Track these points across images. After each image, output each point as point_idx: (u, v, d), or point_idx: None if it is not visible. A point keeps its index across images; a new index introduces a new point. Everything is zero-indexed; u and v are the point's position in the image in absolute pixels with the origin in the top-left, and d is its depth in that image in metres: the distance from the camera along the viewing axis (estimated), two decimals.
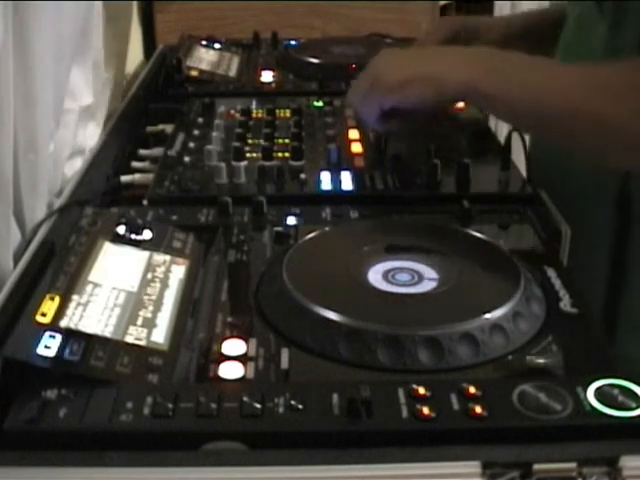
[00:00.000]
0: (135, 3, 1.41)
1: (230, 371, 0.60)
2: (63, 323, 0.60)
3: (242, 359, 0.61)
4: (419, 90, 0.83)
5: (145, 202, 0.87)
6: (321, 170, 0.94)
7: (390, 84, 0.85)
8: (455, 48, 0.99)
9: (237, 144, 0.98)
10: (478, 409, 0.54)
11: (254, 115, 1.12)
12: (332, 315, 0.63)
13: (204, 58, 1.35)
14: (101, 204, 0.88)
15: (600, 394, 0.55)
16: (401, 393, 0.55)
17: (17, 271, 0.71)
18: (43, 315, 0.60)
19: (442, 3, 1.90)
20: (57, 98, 0.88)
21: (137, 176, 0.98)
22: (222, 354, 0.62)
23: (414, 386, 0.56)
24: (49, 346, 0.57)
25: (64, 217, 0.83)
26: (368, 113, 0.90)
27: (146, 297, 0.66)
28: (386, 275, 0.70)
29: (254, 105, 1.16)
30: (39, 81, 0.79)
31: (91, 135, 1.05)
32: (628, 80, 0.73)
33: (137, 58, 1.53)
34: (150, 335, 0.62)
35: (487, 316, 0.63)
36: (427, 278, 0.70)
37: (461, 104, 1.03)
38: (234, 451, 0.53)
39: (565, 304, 0.68)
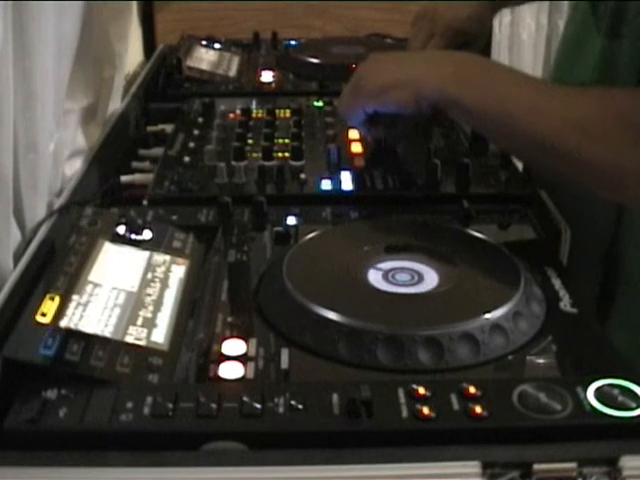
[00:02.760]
0: (135, 3, 1.41)
1: (230, 371, 0.60)
2: (63, 323, 0.60)
3: (242, 359, 0.61)
4: (398, 95, 0.82)
5: (145, 202, 0.87)
6: (321, 170, 0.94)
7: (371, 89, 0.85)
8: (438, 53, 0.98)
9: (237, 144, 0.98)
10: (478, 409, 0.54)
11: (254, 115, 1.12)
12: (332, 315, 0.63)
13: (204, 58, 1.35)
14: (101, 204, 0.88)
15: (600, 394, 0.55)
16: (401, 393, 0.55)
17: (17, 271, 0.71)
18: (43, 315, 0.60)
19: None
20: (57, 98, 0.88)
21: (137, 176, 0.98)
22: (222, 354, 0.62)
23: (414, 386, 0.56)
24: (49, 346, 0.57)
25: (64, 217, 0.83)
26: (353, 118, 0.90)
27: (146, 297, 0.66)
28: (386, 275, 0.70)
29: (254, 105, 1.16)
30: (39, 81, 0.79)
31: (91, 135, 1.05)
32: (610, 118, 0.71)
33: (137, 58, 1.53)
34: (150, 335, 0.62)
35: (487, 316, 0.63)
36: (427, 278, 0.70)
37: None
38: (234, 451, 0.53)
39: (565, 304, 0.68)
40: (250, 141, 1.02)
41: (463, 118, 0.85)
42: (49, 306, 0.61)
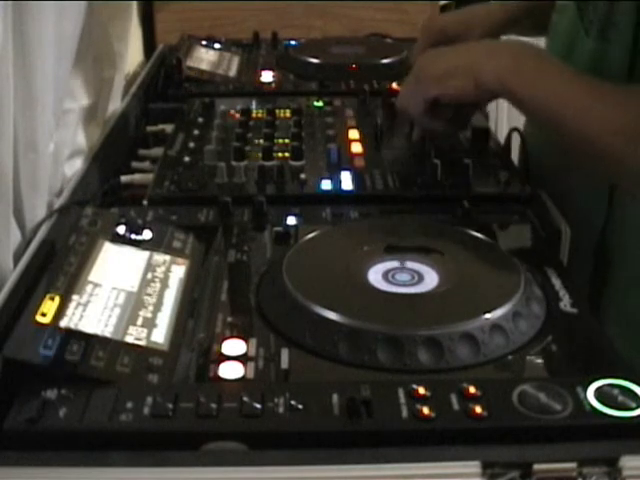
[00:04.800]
0: (135, 3, 1.41)
1: (230, 371, 0.60)
2: (63, 323, 0.60)
3: (242, 359, 0.61)
4: (459, 81, 0.84)
5: (145, 202, 0.87)
6: (321, 170, 0.94)
7: (432, 76, 0.88)
8: (497, 42, 0.99)
9: (237, 144, 0.98)
10: (478, 409, 0.54)
11: (254, 115, 1.12)
12: (332, 315, 0.63)
13: (204, 58, 1.35)
14: (101, 204, 0.88)
15: (600, 394, 0.55)
16: (401, 393, 0.55)
17: (17, 271, 0.71)
18: (43, 315, 0.60)
19: (442, 3, 1.90)
20: (57, 98, 0.88)
21: (137, 176, 0.98)
22: (222, 354, 0.62)
23: (414, 386, 0.56)
24: (49, 346, 0.57)
25: (64, 217, 0.83)
26: (413, 107, 0.91)
27: (146, 297, 0.66)
28: (386, 275, 0.70)
29: (254, 105, 1.16)
30: (39, 81, 0.79)
31: (91, 135, 1.05)
32: None
33: (137, 58, 1.53)
34: (150, 335, 0.62)
35: (487, 316, 0.63)
36: (427, 278, 0.70)
37: None
38: (234, 451, 0.53)
39: (565, 304, 0.68)
40: (250, 141, 1.02)
41: (518, 108, 0.86)
42: (49, 306, 0.61)
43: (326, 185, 0.91)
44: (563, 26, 0.94)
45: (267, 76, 1.30)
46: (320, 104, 1.16)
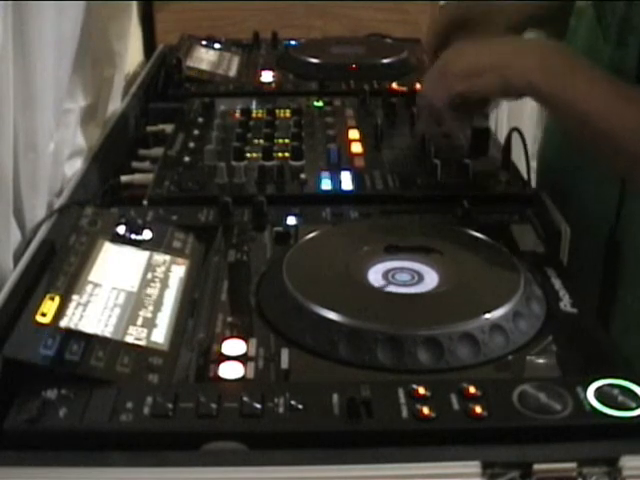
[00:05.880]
0: (135, 3, 1.41)
1: (230, 371, 0.60)
2: (63, 323, 0.60)
3: (242, 359, 0.61)
4: (486, 79, 0.84)
5: (145, 202, 0.87)
6: (321, 170, 0.94)
7: (458, 72, 0.87)
8: (525, 40, 0.98)
9: (237, 144, 0.98)
10: (478, 409, 0.54)
11: (254, 115, 1.12)
12: (332, 315, 0.63)
13: (204, 58, 1.35)
14: (101, 204, 0.88)
15: (600, 394, 0.55)
16: (401, 393, 0.55)
17: (17, 271, 0.71)
18: (43, 315, 0.60)
19: (442, 3, 1.90)
20: (57, 98, 0.88)
21: (137, 176, 0.98)
22: (222, 354, 0.62)
23: (414, 386, 0.56)
24: (49, 346, 0.57)
25: (64, 217, 0.83)
26: (437, 100, 0.90)
27: (146, 297, 0.66)
28: (386, 275, 0.70)
29: (254, 105, 1.16)
30: (39, 81, 0.79)
31: (91, 135, 1.05)
32: None
33: (137, 58, 1.53)
34: (150, 335, 0.62)
35: (487, 316, 0.63)
36: (427, 278, 0.70)
37: None
38: (234, 451, 0.53)
39: (565, 304, 0.68)
40: (250, 141, 1.02)
41: (543, 107, 0.87)
42: (49, 306, 0.61)
43: (326, 185, 0.91)
44: (581, 31, 0.94)
45: (267, 76, 1.30)
46: (320, 104, 1.16)
